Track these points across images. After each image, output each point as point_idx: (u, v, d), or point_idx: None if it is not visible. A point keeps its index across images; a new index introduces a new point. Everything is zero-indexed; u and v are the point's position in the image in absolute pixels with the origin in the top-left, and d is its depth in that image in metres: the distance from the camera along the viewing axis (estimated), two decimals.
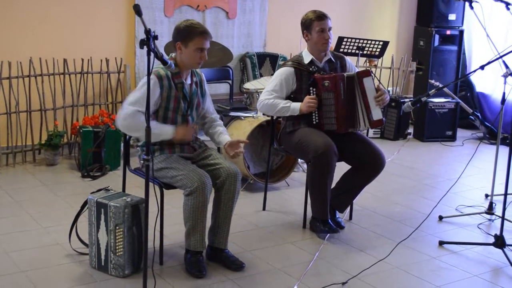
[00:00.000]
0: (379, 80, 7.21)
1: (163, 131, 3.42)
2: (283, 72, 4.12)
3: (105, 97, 5.99)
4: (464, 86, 7.74)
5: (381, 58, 6.87)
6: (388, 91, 7.56)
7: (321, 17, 4.06)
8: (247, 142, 3.78)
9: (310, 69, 4.09)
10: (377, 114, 4.02)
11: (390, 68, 7.48)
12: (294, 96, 4.12)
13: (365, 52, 6.53)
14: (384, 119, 4.04)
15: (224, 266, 3.54)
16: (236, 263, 3.55)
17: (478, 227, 4.38)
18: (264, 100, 4.11)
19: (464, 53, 7.70)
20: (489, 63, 3.87)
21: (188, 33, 3.44)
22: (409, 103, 4.01)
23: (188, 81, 3.57)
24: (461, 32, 7.39)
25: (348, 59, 4.33)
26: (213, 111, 3.83)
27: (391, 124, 7.06)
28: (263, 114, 5.01)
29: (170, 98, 3.47)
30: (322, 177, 3.92)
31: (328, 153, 3.86)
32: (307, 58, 4.13)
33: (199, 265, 3.44)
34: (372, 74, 4.06)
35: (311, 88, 4.03)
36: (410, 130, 7.30)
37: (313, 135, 3.98)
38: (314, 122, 4.05)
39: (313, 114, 4.05)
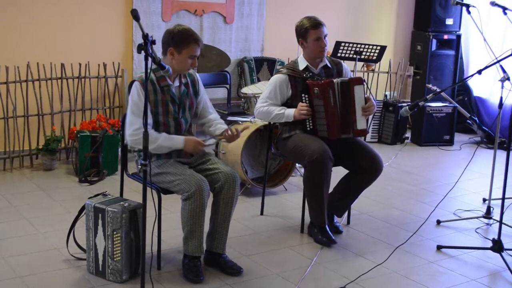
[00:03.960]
0: (369, 89, 7.25)
1: (174, 143, 3.43)
2: (277, 79, 4.12)
3: (102, 101, 5.99)
4: (461, 90, 7.75)
5: (378, 62, 6.87)
6: (386, 95, 7.58)
7: (316, 25, 4.03)
8: (243, 128, 3.63)
9: (304, 75, 4.09)
10: (361, 123, 4.01)
11: (387, 72, 7.50)
12: (290, 102, 4.12)
13: (362, 56, 6.53)
14: (367, 129, 4.04)
15: (221, 271, 3.54)
16: (234, 268, 3.55)
17: (476, 232, 4.38)
18: (259, 107, 4.13)
19: (461, 58, 7.71)
20: (486, 67, 3.88)
21: (183, 40, 3.42)
22: (407, 107, 4.00)
23: (176, 83, 3.55)
24: (459, 36, 7.40)
25: (345, 65, 4.32)
26: (212, 111, 3.79)
27: (388, 128, 7.07)
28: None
29: (157, 102, 3.46)
30: (318, 182, 3.92)
31: (323, 158, 3.85)
32: (302, 64, 4.13)
33: (197, 270, 3.44)
34: (364, 83, 4.05)
35: (303, 95, 4.03)
36: (408, 134, 7.31)
37: (308, 140, 3.98)
38: (308, 128, 4.05)
39: (307, 120, 4.04)
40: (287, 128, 4.15)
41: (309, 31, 4.04)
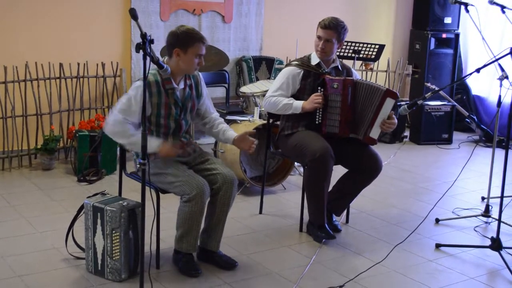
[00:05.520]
0: (397, 110, 7.25)
1: (149, 145, 3.39)
2: (290, 71, 4.15)
3: (101, 101, 5.99)
4: (460, 89, 7.76)
5: (377, 61, 6.89)
6: None
7: (323, 25, 4.09)
8: (254, 133, 3.70)
9: (320, 70, 4.11)
10: (375, 133, 4.02)
11: (386, 71, 7.50)
12: (297, 95, 4.14)
13: (361, 55, 6.54)
14: (377, 140, 4.05)
15: (217, 266, 3.56)
16: (229, 262, 3.58)
17: (475, 230, 4.38)
18: (269, 97, 4.15)
19: (460, 56, 7.72)
20: (485, 66, 3.88)
21: (187, 40, 3.40)
22: (405, 106, 4.00)
23: (181, 85, 3.53)
24: (457, 35, 7.41)
25: (355, 71, 4.35)
26: (213, 110, 3.80)
27: None
28: (260, 117, 5.02)
29: (160, 105, 3.44)
30: (319, 181, 3.92)
31: (325, 157, 3.85)
32: (315, 60, 4.16)
33: (194, 264, 3.47)
34: (397, 100, 4.04)
35: (319, 88, 4.04)
36: (407, 133, 7.31)
37: (311, 138, 3.98)
38: (317, 122, 4.06)
39: (317, 113, 4.05)
40: (290, 125, 4.15)
41: (317, 28, 4.12)
